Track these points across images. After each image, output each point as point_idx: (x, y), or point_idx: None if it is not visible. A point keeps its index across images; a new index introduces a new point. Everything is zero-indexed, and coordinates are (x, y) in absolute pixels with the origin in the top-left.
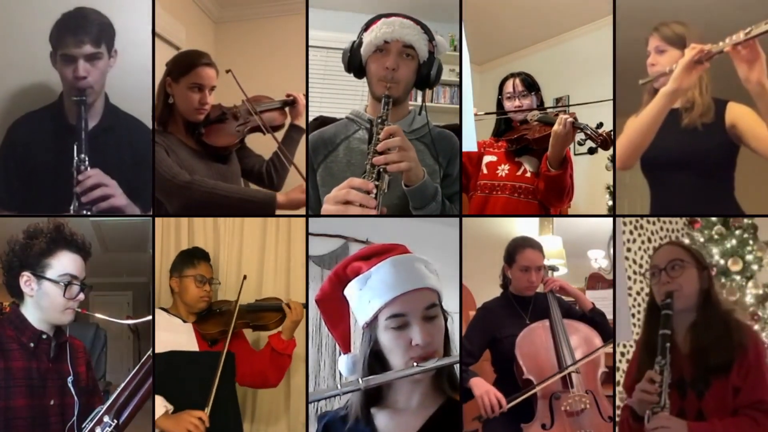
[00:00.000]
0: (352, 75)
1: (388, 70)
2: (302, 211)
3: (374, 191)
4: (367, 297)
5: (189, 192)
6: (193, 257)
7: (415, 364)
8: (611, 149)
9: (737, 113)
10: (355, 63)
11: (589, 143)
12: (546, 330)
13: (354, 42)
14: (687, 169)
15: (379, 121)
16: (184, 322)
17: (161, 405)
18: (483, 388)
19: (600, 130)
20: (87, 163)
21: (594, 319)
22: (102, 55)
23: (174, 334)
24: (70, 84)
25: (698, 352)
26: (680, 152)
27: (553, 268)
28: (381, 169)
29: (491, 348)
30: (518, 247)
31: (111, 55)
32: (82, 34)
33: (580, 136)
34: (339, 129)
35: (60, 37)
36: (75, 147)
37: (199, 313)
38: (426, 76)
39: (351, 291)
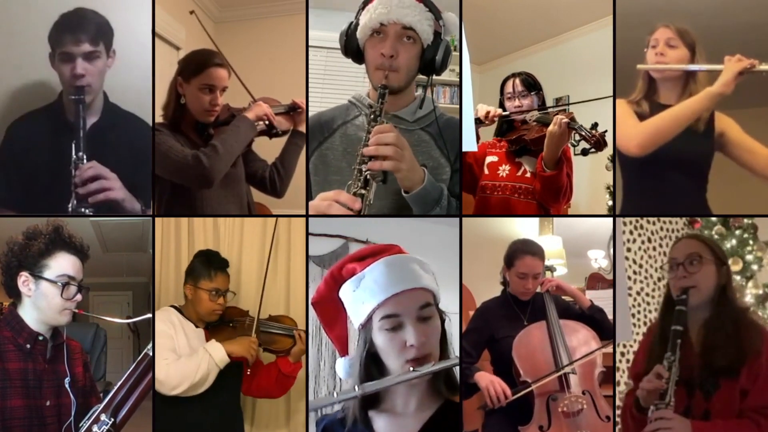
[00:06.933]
0: (350, 60)
1: (386, 57)
2: (302, 211)
3: (359, 207)
4: (360, 298)
5: (208, 160)
6: (210, 267)
7: (411, 368)
8: (607, 149)
9: (726, 123)
10: (352, 47)
11: (584, 144)
12: (543, 331)
13: (351, 23)
14: (676, 169)
15: (372, 117)
16: (196, 327)
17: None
18: (488, 379)
19: (594, 131)
20: (85, 160)
21: (593, 316)
22: (100, 54)
23: (186, 339)
24: (68, 82)
25: (709, 351)
26: (675, 151)
27: (551, 269)
28: (368, 176)
29: (490, 348)
30: (518, 252)
31: (109, 55)
32: (80, 32)
33: (575, 136)
34: (338, 113)
35: (59, 37)
36: (73, 145)
37: (211, 322)
38: (431, 62)
39: (345, 292)
